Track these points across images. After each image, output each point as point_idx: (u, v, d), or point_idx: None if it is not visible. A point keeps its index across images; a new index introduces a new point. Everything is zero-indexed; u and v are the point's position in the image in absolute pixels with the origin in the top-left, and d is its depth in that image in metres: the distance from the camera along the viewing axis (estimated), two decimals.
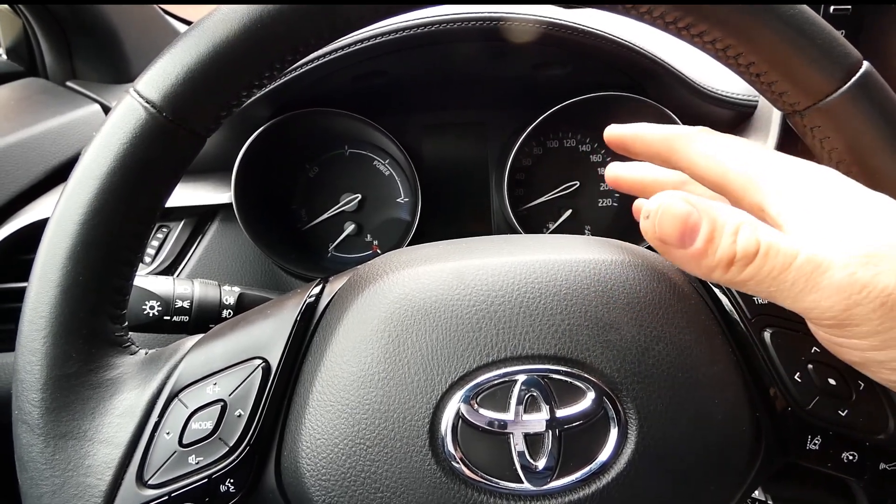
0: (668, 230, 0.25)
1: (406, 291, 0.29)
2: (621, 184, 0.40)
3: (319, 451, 0.27)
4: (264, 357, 0.30)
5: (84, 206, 0.28)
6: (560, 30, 0.61)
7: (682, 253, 0.25)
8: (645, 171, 0.39)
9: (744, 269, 0.24)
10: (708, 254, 0.25)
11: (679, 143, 0.31)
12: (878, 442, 0.29)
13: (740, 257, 0.24)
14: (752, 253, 0.24)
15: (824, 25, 0.30)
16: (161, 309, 0.43)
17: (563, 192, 0.80)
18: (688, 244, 0.25)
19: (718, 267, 0.25)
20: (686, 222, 0.25)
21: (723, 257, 0.24)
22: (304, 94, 0.65)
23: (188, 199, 0.66)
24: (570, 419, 0.27)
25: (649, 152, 0.33)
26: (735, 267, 0.24)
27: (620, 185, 0.40)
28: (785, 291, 0.24)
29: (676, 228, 0.25)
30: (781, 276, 0.24)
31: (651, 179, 0.38)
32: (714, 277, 0.25)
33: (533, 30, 0.60)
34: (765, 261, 0.24)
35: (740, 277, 0.25)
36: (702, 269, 0.25)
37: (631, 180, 0.39)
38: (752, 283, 0.25)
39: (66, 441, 0.28)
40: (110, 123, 0.28)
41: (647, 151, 0.33)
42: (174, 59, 0.28)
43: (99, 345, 0.30)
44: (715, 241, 0.24)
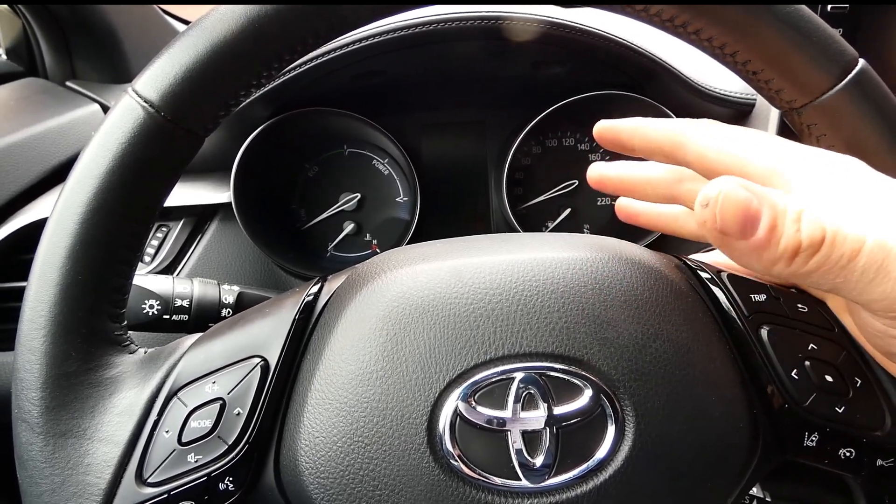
0: (729, 219, 0.22)
1: (404, 290, 0.30)
2: (606, 184, 0.37)
3: (318, 449, 0.28)
4: (263, 356, 0.30)
5: (83, 206, 0.28)
6: (559, 29, 0.61)
7: (742, 245, 0.23)
8: (634, 169, 0.37)
9: (810, 259, 0.22)
10: (771, 244, 0.22)
11: (686, 137, 0.29)
12: (875, 438, 0.29)
13: (806, 246, 0.22)
14: (819, 241, 0.22)
15: (820, 23, 0.30)
16: (161, 308, 0.43)
17: (561, 191, 0.80)
18: (749, 234, 0.22)
19: (783, 258, 0.22)
20: (748, 210, 0.22)
21: (787, 247, 0.22)
22: (303, 94, 0.65)
23: (188, 199, 0.66)
24: (567, 416, 0.27)
25: (650, 147, 0.31)
26: (800, 257, 0.22)
27: (605, 185, 0.38)
28: (853, 282, 0.22)
29: (738, 217, 0.22)
30: (850, 264, 0.22)
31: (642, 177, 0.36)
32: (776, 271, 0.23)
33: (532, 29, 0.61)
34: (832, 249, 0.22)
35: (806, 268, 0.22)
36: (763, 263, 0.23)
37: (618, 180, 0.37)
38: (817, 275, 0.23)
39: (66, 439, 0.28)
40: (109, 123, 0.29)
41: (648, 147, 0.31)
42: (172, 59, 0.28)
43: (98, 343, 0.30)
44: (778, 230, 0.22)
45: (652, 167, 0.36)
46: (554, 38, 0.62)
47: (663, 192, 0.36)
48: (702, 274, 0.33)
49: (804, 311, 0.31)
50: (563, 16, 0.61)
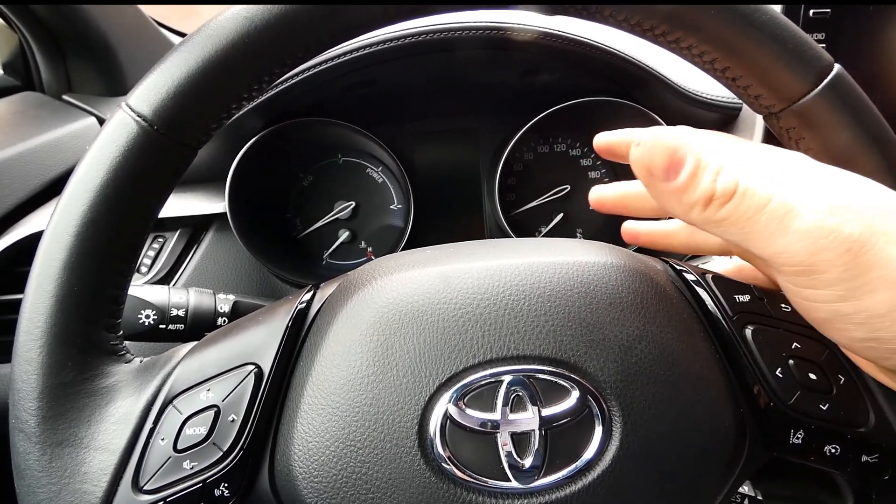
0: (656, 160, 0.26)
1: (394, 296, 0.30)
2: (605, 204, 0.41)
3: (311, 454, 0.28)
4: (256, 363, 0.30)
5: (78, 218, 0.29)
6: (549, 38, 0.62)
7: (665, 186, 0.26)
8: (627, 187, 0.40)
9: (721, 207, 0.25)
10: (689, 189, 0.26)
11: None
12: (860, 435, 0.30)
13: (719, 195, 0.25)
14: (731, 192, 0.25)
15: (796, 30, 0.31)
16: (157, 318, 0.44)
17: (554, 196, 0.80)
18: (672, 178, 0.26)
19: (698, 204, 0.26)
20: (674, 155, 0.26)
21: (703, 194, 0.26)
22: (297, 104, 0.66)
23: (183, 210, 0.67)
24: (555, 418, 0.28)
25: None
26: (713, 205, 0.26)
27: (605, 204, 0.41)
28: (758, 233, 0.25)
29: (664, 160, 0.26)
30: (756, 216, 0.25)
31: (634, 193, 0.40)
32: (693, 216, 0.27)
33: (522, 38, 0.61)
34: (741, 200, 0.25)
35: (717, 216, 0.26)
36: (682, 206, 0.27)
37: (614, 198, 0.40)
38: (727, 223, 0.26)
39: (63, 448, 0.29)
40: (103, 137, 0.29)
41: None
42: (164, 73, 0.29)
43: (94, 353, 0.30)
44: (697, 178, 0.26)
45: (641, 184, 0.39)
46: (543, 48, 0.62)
47: (652, 206, 0.39)
48: (687, 276, 0.33)
49: (787, 310, 0.32)
50: (554, 25, 0.62)
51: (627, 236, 0.44)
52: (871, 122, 0.32)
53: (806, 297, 0.27)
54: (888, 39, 0.62)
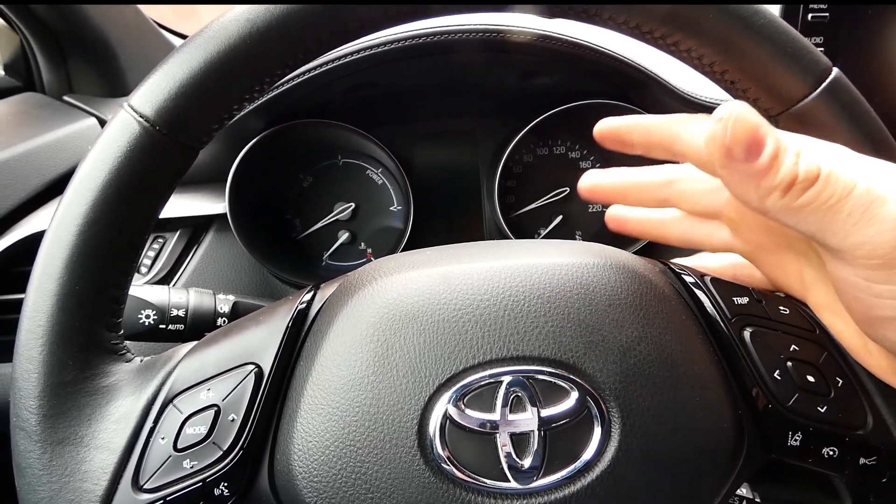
0: (739, 137, 0.23)
1: (394, 296, 0.30)
2: (598, 191, 0.38)
3: (311, 454, 0.28)
4: (257, 363, 0.30)
5: (80, 218, 0.29)
6: (547, 41, 0.62)
7: (743, 168, 0.24)
8: (625, 174, 0.37)
9: (802, 193, 0.23)
10: (770, 172, 0.24)
11: (680, 128, 0.30)
12: (858, 437, 0.30)
13: (802, 179, 0.23)
14: (814, 176, 0.23)
15: (794, 33, 0.31)
16: (157, 318, 0.44)
17: (553, 199, 0.81)
18: (752, 157, 0.24)
19: (779, 188, 0.24)
20: (756, 133, 0.23)
21: (784, 177, 0.24)
22: (297, 106, 0.66)
23: (184, 210, 0.67)
24: (554, 419, 0.28)
25: (648, 141, 0.32)
26: (794, 190, 0.24)
27: (598, 192, 0.38)
28: (839, 223, 0.23)
29: (746, 137, 0.23)
30: (839, 204, 0.23)
31: (633, 182, 0.37)
32: (769, 203, 0.24)
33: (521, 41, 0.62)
34: (825, 186, 0.23)
35: (797, 203, 0.24)
36: (760, 191, 0.24)
37: (611, 186, 0.37)
38: (806, 211, 0.24)
39: (63, 447, 0.29)
40: (105, 137, 0.29)
41: (647, 141, 0.32)
42: (167, 74, 0.29)
43: (95, 353, 0.30)
44: (779, 160, 0.24)
45: (643, 171, 0.37)
46: (542, 50, 0.63)
47: (654, 195, 0.36)
48: (686, 278, 0.33)
49: (786, 312, 0.32)
50: (553, 28, 0.63)
51: (614, 223, 0.40)
52: (869, 125, 0.32)
53: (877, 293, 0.25)
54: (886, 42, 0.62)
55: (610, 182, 0.37)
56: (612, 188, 0.37)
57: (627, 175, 0.37)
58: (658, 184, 0.36)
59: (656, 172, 0.36)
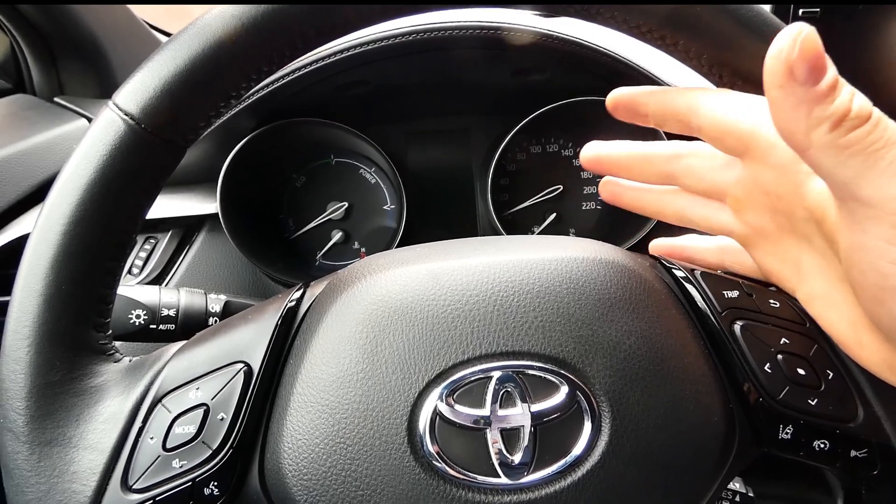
0: (807, 55, 0.23)
1: (383, 293, 0.30)
2: (603, 162, 0.37)
3: (301, 452, 0.28)
4: (246, 361, 0.30)
5: (65, 217, 0.29)
6: (540, 38, 0.62)
7: (800, 91, 0.24)
8: (631, 146, 0.36)
9: (851, 131, 0.23)
10: (825, 101, 0.23)
11: (699, 102, 0.30)
12: (848, 430, 0.30)
13: (854, 115, 0.23)
14: (866, 115, 0.23)
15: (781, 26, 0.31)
16: (147, 318, 0.44)
17: (546, 197, 0.81)
18: (813, 81, 0.23)
19: (829, 119, 0.23)
20: (821, 57, 0.23)
21: (838, 109, 0.23)
22: (288, 105, 0.66)
23: (175, 210, 0.66)
24: (544, 414, 0.28)
25: (665, 111, 0.32)
26: (844, 126, 0.23)
27: (602, 163, 0.37)
28: (879, 171, 0.23)
29: (813, 58, 0.23)
30: (884, 150, 0.23)
31: (639, 154, 0.36)
32: (815, 136, 0.24)
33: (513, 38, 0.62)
34: (874, 128, 0.23)
35: (843, 140, 0.23)
36: (811, 119, 0.24)
37: (616, 157, 0.36)
38: (850, 151, 0.23)
39: (51, 448, 0.28)
40: (90, 136, 0.29)
41: (663, 110, 0.32)
42: (152, 72, 0.29)
43: (82, 353, 0.30)
44: (837, 90, 0.23)
45: (649, 144, 0.36)
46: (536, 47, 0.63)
47: (659, 170, 0.36)
48: (676, 272, 0.33)
49: (776, 306, 0.32)
50: (546, 25, 0.62)
51: (608, 193, 0.39)
52: None
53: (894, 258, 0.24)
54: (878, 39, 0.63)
55: (614, 153, 0.36)
56: (616, 159, 0.36)
57: (633, 147, 0.36)
58: (665, 157, 0.35)
59: (664, 146, 0.35)
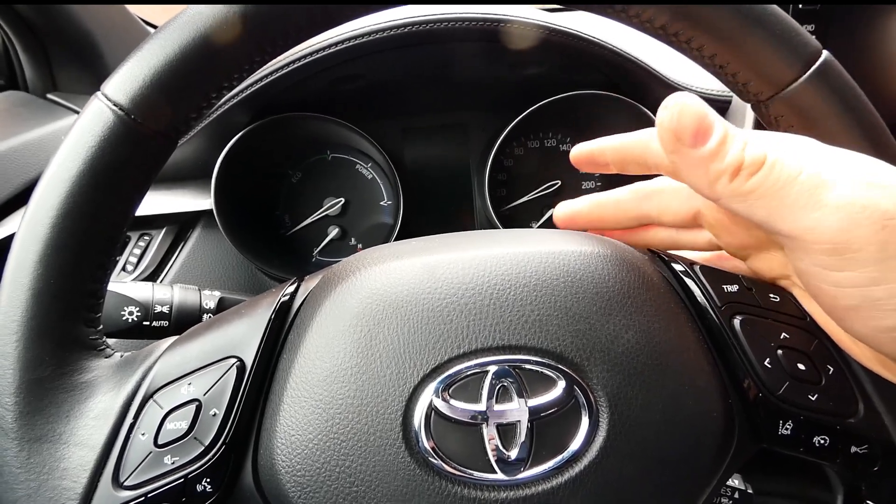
0: (686, 123, 0.25)
1: (377, 287, 0.30)
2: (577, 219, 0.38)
3: (294, 448, 0.28)
4: (239, 356, 0.30)
5: (53, 210, 0.28)
6: (538, 30, 0.61)
7: (692, 154, 0.26)
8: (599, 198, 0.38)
9: (749, 177, 0.25)
10: (718, 157, 0.25)
11: (649, 137, 0.31)
12: (849, 426, 0.29)
13: (748, 164, 0.25)
14: (760, 162, 0.25)
15: (783, 16, 0.31)
16: (140, 314, 0.43)
17: (544, 192, 0.80)
18: (700, 143, 0.25)
19: (726, 173, 0.25)
20: (703, 121, 0.25)
21: (732, 162, 0.25)
22: (282, 99, 0.65)
23: (169, 207, 0.66)
24: (541, 408, 0.27)
25: (622, 158, 0.33)
26: (741, 175, 0.25)
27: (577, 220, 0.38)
28: (787, 207, 0.25)
29: (693, 123, 0.25)
30: (785, 188, 0.24)
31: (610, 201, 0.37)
32: (719, 188, 0.26)
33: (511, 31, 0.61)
34: (770, 171, 0.24)
35: (745, 187, 0.25)
36: (709, 176, 0.26)
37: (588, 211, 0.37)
38: (755, 196, 0.25)
39: (41, 444, 0.28)
40: (78, 127, 0.29)
41: (620, 157, 0.34)
42: (141, 61, 0.28)
43: (72, 348, 0.30)
44: (726, 145, 0.25)
45: (617, 191, 0.37)
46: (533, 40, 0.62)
47: (634, 214, 0.37)
48: (675, 266, 0.33)
49: (776, 300, 0.32)
50: (541, 17, 0.62)
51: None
52: (860, 109, 0.32)
53: (834, 281, 0.25)
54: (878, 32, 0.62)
55: (586, 208, 0.38)
56: (588, 214, 0.38)
57: (602, 198, 0.37)
58: (636, 200, 0.37)
59: (632, 189, 0.37)
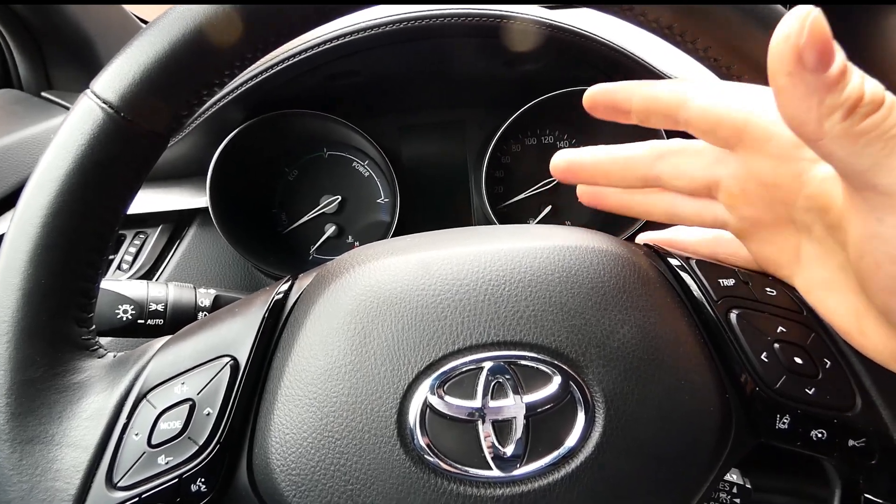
0: (816, 39, 0.21)
1: (371, 283, 0.29)
2: (578, 171, 0.34)
3: (288, 446, 0.27)
4: (232, 355, 0.30)
5: (43, 209, 0.28)
6: (534, 26, 0.61)
7: (809, 80, 0.22)
8: (608, 151, 0.34)
9: (866, 117, 0.22)
10: (838, 87, 0.22)
11: (688, 94, 0.28)
12: (846, 419, 0.29)
13: (868, 101, 0.22)
14: (880, 100, 0.22)
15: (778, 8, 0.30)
16: (135, 313, 0.43)
17: (542, 189, 0.80)
18: (822, 67, 0.22)
19: (843, 107, 0.22)
20: (829, 41, 0.21)
21: (851, 95, 0.22)
22: (278, 96, 0.65)
23: (165, 205, 0.66)
24: (537, 405, 0.27)
25: (649, 107, 0.30)
26: (857, 113, 0.22)
27: (577, 172, 0.34)
28: None
29: (821, 42, 0.21)
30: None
31: (620, 158, 0.33)
32: (828, 126, 0.22)
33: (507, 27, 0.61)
34: (889, 113, 0.22)
35: (858, 128, 0.22)
36: (822, 108, 0.22)
37: (590, 164, 0.34)
38: (866, 139, 0.22)
39: (34, 446, 0.28)
40: (68, 125, 0.28)
41: (648, 106, 0.30)
42: (130, 58, 0.28)
43: (64, 348, 0.29)
44: (847, 76, 0.22)
45: (628, 147, 0.33)
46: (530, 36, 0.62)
47: (642, 173, 0.33)
48: (670, 260, 0.33)
49: (772, 294, 0.32)
50: (537, 13, 0.62)
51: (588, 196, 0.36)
52: None
53: None
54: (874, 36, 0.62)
55: (588, 160, 0.34)
56: (591, 165, 0.34)
57: (609, 152, 0.34)
58: (648, 159, 0.33)
59: (644, 147, 0.33)
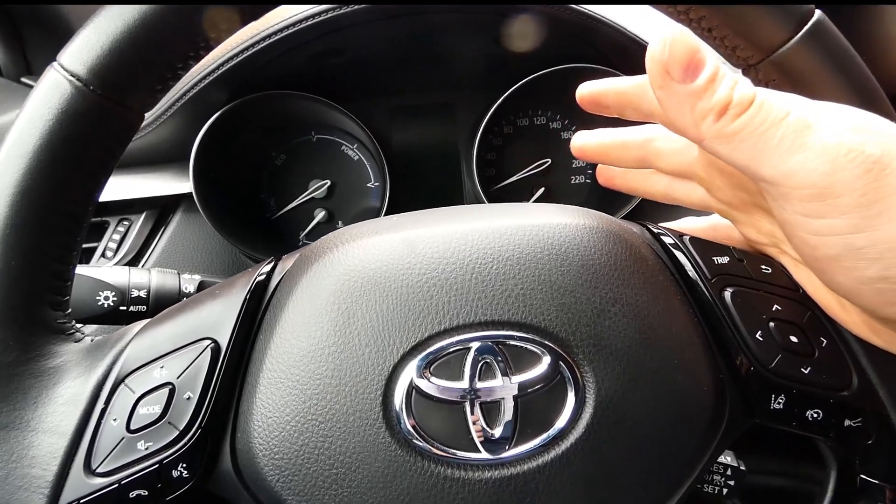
0: (677, 56, 0.25)
1: (355, 263, 0.29)
2: (587, 151, 0.40)
3: (271, 430, 0.27)
4: (213, 337, 0.29)
5: (10, 188, 0.27)
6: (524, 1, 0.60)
7: (680, 89, 0.25)
8: (609, 135, 0.39)
9: (736, 118, 0.24)
10: (706, 95, 0.25)
11: (647, 85, 0.31)
12: (842, 399, 0.29)
13: (736, 104, 0.24)
14: (748, 102, 0.24)
15: None
16: (116, 299, 0.42)
17: (534, 170, 0.79)
18: (689, 79, 0.25)
19: (713, 111, 0.25)
20: (695, 55, 0.25)
21: (719, 100, 0.24)
22: (262, 76, 0.64)
23: (148, 190, 0.64)
24: (526, 385, 0.26)
25: (621, 102, 0.34)
26: (728, 115, 0.24)
27: (586, 152, 0.40)
28: (771, 149, 0.24)
29: (685, 57, 0.25)
30: (771, 130, 0.24)
31: (618, 141, 0.39)
32: (704, 128, 0.25)
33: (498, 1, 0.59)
34: (758, 111, 0.24)
35: (730, 128, 0.24)
36: (694, 114, 0.25)
37: (596, 145, 0.40)
38: (739, 137, 0.24)
39: (8, 432, 0.27)
40: (34, 100, 0.27)
41: (620, 101, 0.34)
42: (99, 28, 0.27)
43: (38, 332, 0.29)
44: (715, 83, 0.25)
45: (624, 131, 0.39)
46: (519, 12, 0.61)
47: (634, 154, 0.38)
48: (663, 238, 0.32)
49: (767, 272, 0.31)
50: None
51: (603, 177, 0.43)
52: (855, 72, 0.31)
53: (815, 230, 0.25)
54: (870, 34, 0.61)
55: (595, 142, 0.40)
56: (596, 147, 0.40)
57: (610, 135, 0.39)
58: (637, 142, 0.38)
59: (636, 131, 0.38)
